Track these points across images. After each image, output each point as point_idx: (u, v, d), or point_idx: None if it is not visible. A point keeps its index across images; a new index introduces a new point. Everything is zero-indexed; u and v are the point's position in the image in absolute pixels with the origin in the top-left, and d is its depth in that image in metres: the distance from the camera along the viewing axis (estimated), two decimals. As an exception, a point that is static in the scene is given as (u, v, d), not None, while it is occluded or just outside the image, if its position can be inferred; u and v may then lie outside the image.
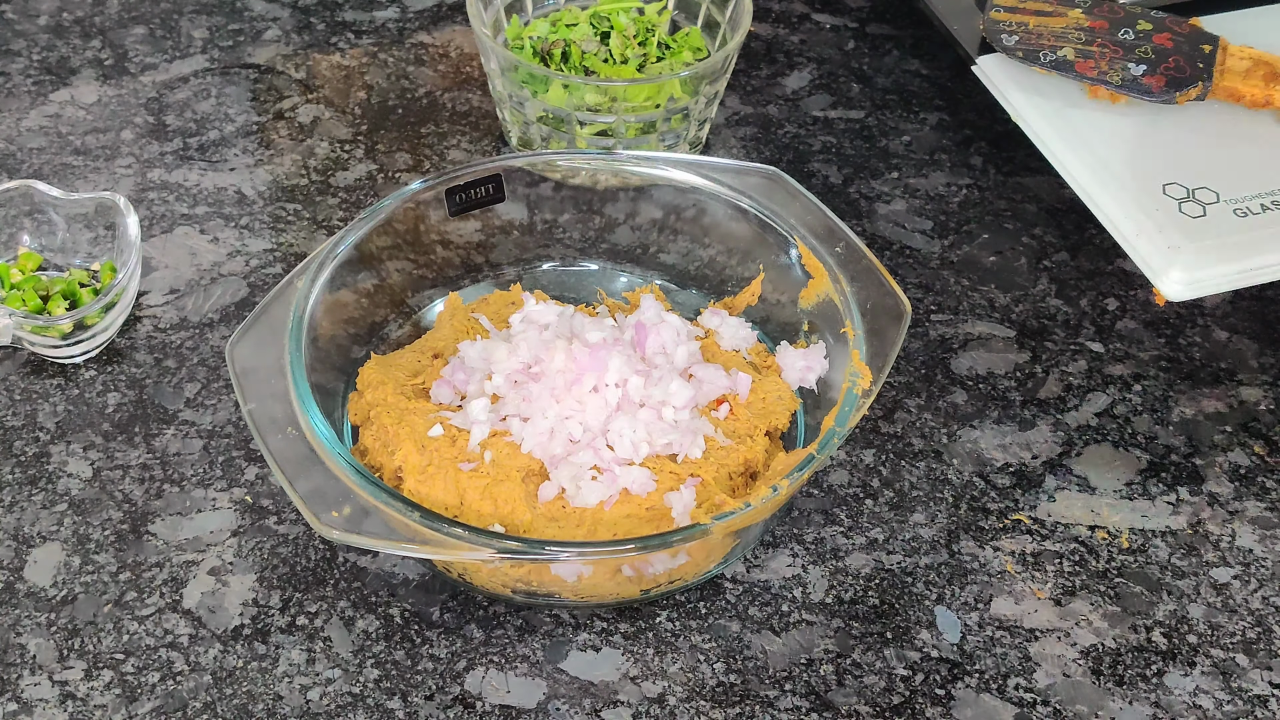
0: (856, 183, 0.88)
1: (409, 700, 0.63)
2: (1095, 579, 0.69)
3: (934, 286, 0.82)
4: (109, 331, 0.76)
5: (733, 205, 0.74)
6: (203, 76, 0.94)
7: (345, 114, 0.91)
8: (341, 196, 0.86)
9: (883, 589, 0.68)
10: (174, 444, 0.72)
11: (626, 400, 0.67)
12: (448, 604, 0.66)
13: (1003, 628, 0.67)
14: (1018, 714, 0.64)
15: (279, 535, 0.69)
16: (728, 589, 0.67)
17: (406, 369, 0.71)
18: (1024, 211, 0.87)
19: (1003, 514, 0.71)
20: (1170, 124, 0.80)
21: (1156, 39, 0.82)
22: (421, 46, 0.97)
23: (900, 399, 0.76)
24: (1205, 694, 0.65)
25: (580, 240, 0.78)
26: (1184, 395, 0.77)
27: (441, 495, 0.64)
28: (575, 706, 0.63)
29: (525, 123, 0.85)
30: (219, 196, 0.85)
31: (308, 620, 0.66)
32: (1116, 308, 0.82)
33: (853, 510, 0.71)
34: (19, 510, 0.69)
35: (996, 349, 0.79)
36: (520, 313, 0.71)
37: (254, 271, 0.81)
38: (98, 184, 0.85)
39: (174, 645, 0.64)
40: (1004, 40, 0.82)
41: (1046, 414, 0.76)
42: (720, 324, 0.74)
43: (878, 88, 0.95)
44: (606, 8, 0.89)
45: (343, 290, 0.71)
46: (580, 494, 0.64)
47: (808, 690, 0.64)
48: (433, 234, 0.75)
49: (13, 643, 0.64)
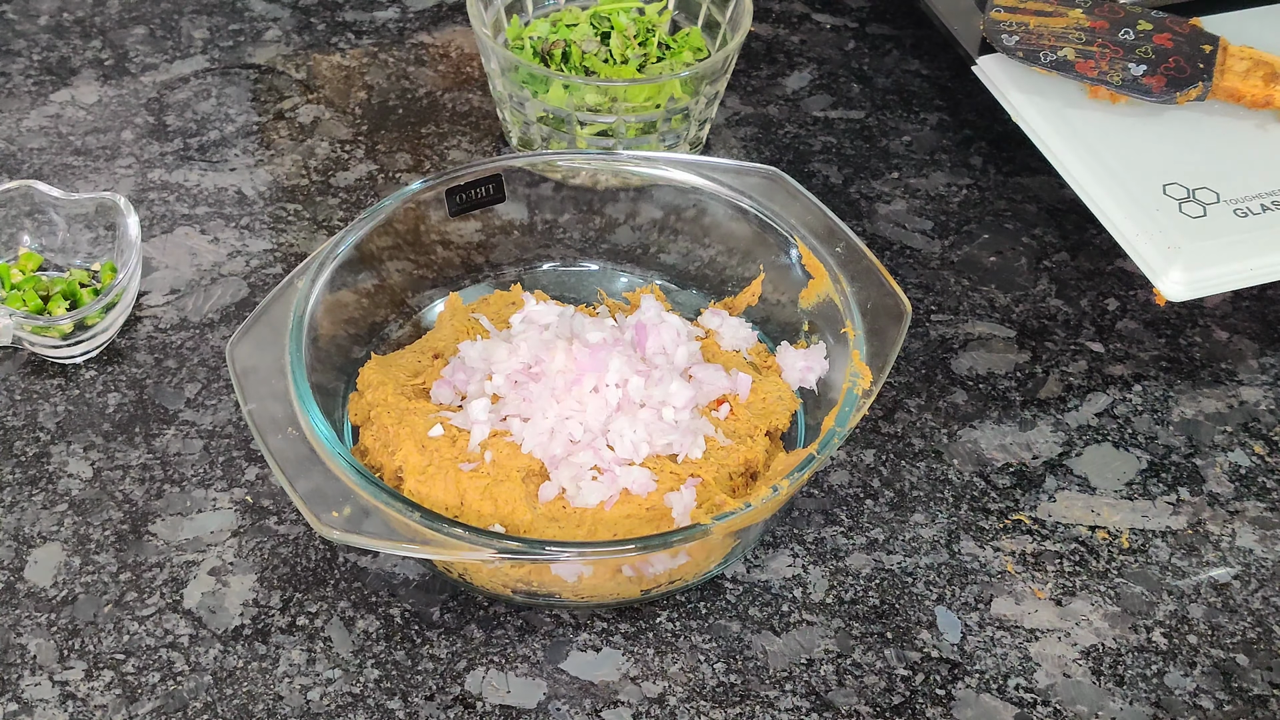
0: (856, 183, 0.88)
1: (409, 700, 0.63)
2: (1095, 579, 0.69)
3: (934, 286, 0.82)
4: (109, 332, 0.76)
5: (733, 205, 0.74)
6: (203, 76, 0.94)
7: (345, 114, 0.91)
8: (342, 196, 0.86)
9: (883, 589, 0.68)
10: (174, 444, 0.72)
11: (627, 400, 0.67)
12: (448, 604, 0.66)
13: (1003, 628, 0.67)
14: (1018, 714, 0.64)
15: (279, 535, 0.69)
16: (728, 589, 0.67)
17: (407, 369, 0.71)
18: (1024, 211, 0.87)
19: (1003, 514, 0.71)
20: (1170, 124, 0.80)
21: (1157, 39, 0.82)
22: (422, 46, 0.97)
23: (900, 399, 0.76)
24: (1205, 694, 0.65)
25: (580, 240, 0.78)
26: (1184, 395, 0.77)
27: (441, 495, 0.64)
28: (575, 706, 0.63)
29: (525, 123, 0.85)
30: (219, 196, 0.85)
31: (308, 620, 0.66)
32: (1116, 308, 0.82)
33: (853, 510, 0.71)
34: (19, 510, 0.69)
35: (997, 349, 0.79)
36: (520, 313, 0.71)
37: (254, 271, 0.81)
38: (98, 184, 0.85)
39: (174, 645, 0.64)
40: (1004, 40, 0.82)
41: (1046, 414, 0.76)
42: (720, 324, 0.74)
43: (878, 88, 0.95)
44: (607, 8, 0.89)
45: (343, 290, 0.71)
46: (580, 494, 0.64)
47: (808, 690, 0.64)
48: (433, 234, 0.75)
49: (13, 643, 0.64)
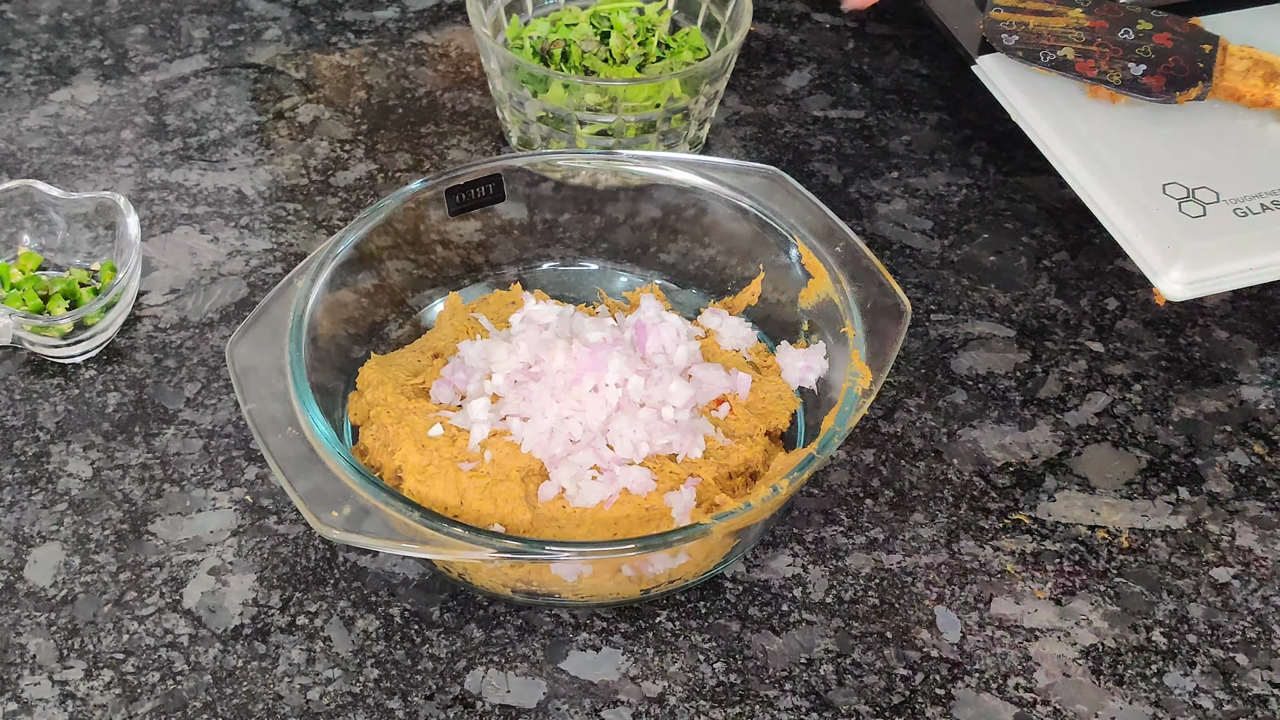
0: (856, 182, 0.88)
1: (409, 700, 0.63)
2: (1095, 579, 0.69)
3: (934, 286, 0.82)
4: (109, 331, 0.76)
5: (733, 205, 0.74)
6: (203, 76, 0.94)
7: (345, 114, 0.91)
8: (341, 196, 0.86)
9: (883, 589, 0.68)
10: (174, 444, 0.72)
11: (626, 400, 0.67)
12: (448, 604, 0.66)
13: (1003, 627, 0.67)
14: (1018, 714, 0.64)
15: (279, 535, 0.69)
16: (728, 589, 0.67)
17: (406, 369, 0.71)
18: (1024, 211, 0.87)
19: (1003, 514, 0.71)
20: (1170, 124, 0.80)
21: (1156, 39, 0.82)
22: (421, 46, 0.97)
23: (900, 399, 0.76)
24: (1205, 694, 0.65)
25: (580, 240, 0.78)
26: (1184, 395, 0.77)
27: (441, 495, 0.64)
28: (575, 706, 0.63)
29: (525, 122, 0.85)
30: (219, 196, 0.85)
31: (308, 620, 0.66)
32: (1116, 308, 0.82)
33: (853, 510, 0.71)
34: (19, 510, 0.69)
35: (996, 349, 0.79)
36: (520, 312, 0.71)
37: (254, 271, 0.81)
38: (98, 184, 0.85)
39: (174, 645, 0.64)
40: (1004, 40, 0.82)
41: (1046, 414, 0.76)
42: (720, 324, 0.74)
43: (878, 88, 0.95)
44: (606, 7, 0.89)
45: (343, 290, 0.71)
46: (580, 494, 0.64)
47: (808, 690, 0.64)
48: (433, 234, 0.75)
49: (13, 642, 0.64)
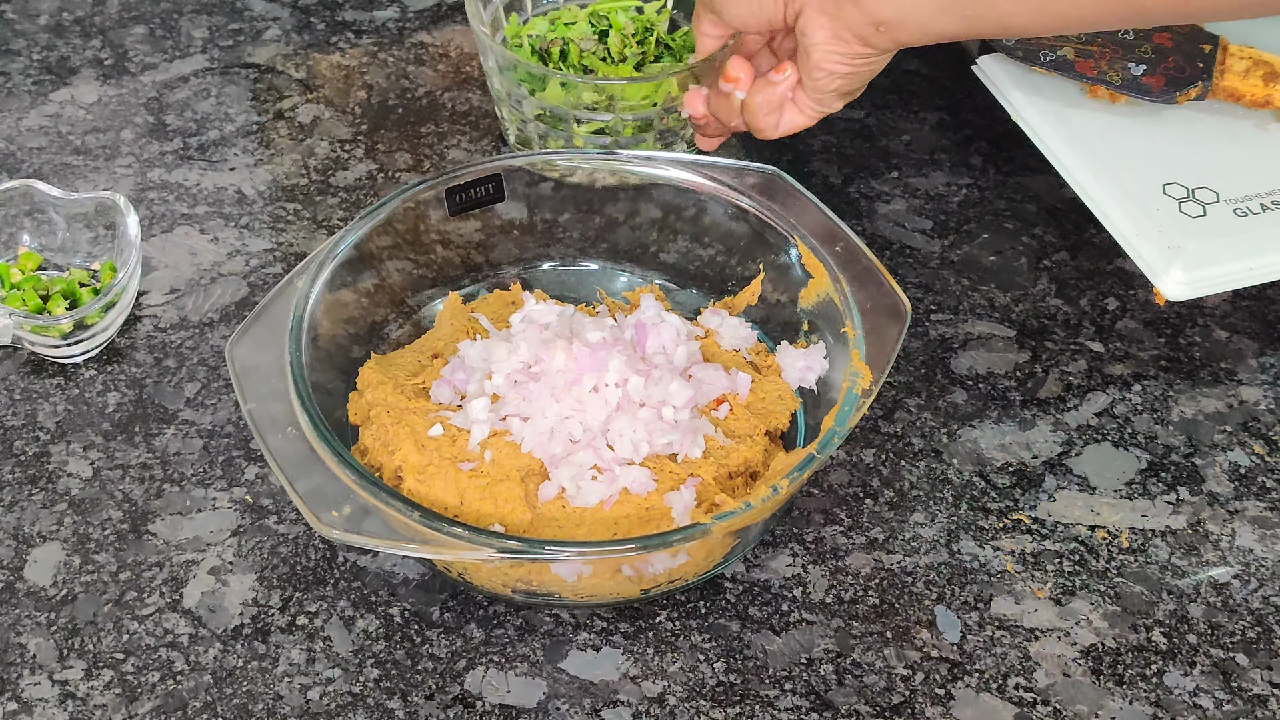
0: (856, 182, 0.88)
1: (409, 700, 0.63)
2: (1095, 579, 0.69)
3: (934, 286, 0.82)
4: (109, 331, 0.76)
5: (733, 205, 0.74)
6: (203, 76, 0.94)
7: (345, 114, 0.91)
8: (341, 196, 0.86)
9: (883, 589, 0.68)
10: (174, 444, 0.72)
11: (626, 400, 0.67)
12: (448, 604, 0.66)
13: (1003, 627, 0.67)
14: (1018, 714, 0.64)
15: (279, 535, 0.69)
16: (728, 589, 0.67)
17: (406, 369, 0.71)
18: (1024, 211, 0.87)
19: (1003, 514, 0.71)
20: (1170, 124, 0.80)
21: (1156, 38, 0.82)
22: (421, 46, 0.97)
23: (900, 399, 0.76)
24: (1205, 694, 0.65)
25: (580, 240, 0.78)
26: (1184, 395, 0.77)
27: (441, 495, 0.64)
28: (575, 706, 0.63)
29: (523, 121, 0.85)
30: (219, 196, 0.85)
31: (308, 620, 0.66)
32: (1116, 308, 0.82)
33: (853, 510, 0.71)
34: (19, 510, 0.69)
35: (996, 349, 0.79)
36: (520, 312, 0.71)
37: (254, 271, 0.81)
38: (98, 184, 0.85)
39: (174, 645, 0.64)
40: (1004, 40, 0.82)
41: (1046, 414, 0.76)
42: (720, 324, 0.74)
43: (878, 88, 0.95)
44: (605, 6, 0.89)
45: (343, 290, 0.71)
46: (580, 494, 0.64)
47: (808, 690, 0.64)
48: (433, 234, 0.75)
49: (13, 642, 0.64)
